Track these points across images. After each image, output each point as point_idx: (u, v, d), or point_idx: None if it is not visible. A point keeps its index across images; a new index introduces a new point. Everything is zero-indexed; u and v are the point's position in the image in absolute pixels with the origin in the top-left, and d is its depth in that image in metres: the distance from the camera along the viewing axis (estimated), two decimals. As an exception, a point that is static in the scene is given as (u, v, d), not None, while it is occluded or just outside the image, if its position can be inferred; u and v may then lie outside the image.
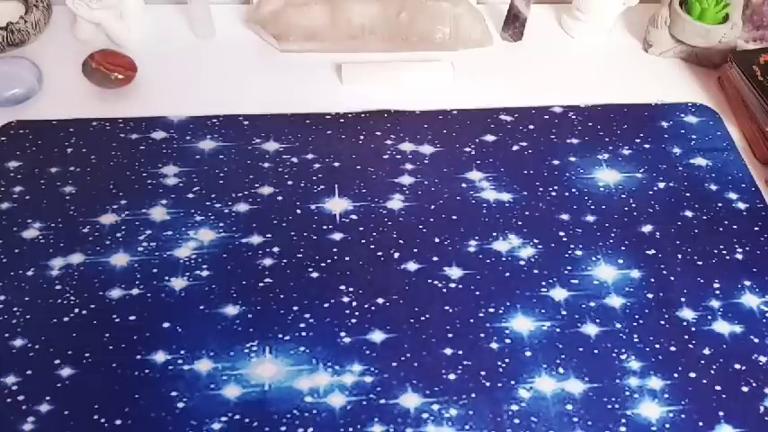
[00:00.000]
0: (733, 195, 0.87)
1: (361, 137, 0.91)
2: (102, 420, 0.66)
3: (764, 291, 0.78)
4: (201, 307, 0.74)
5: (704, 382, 0.71)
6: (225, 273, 0.77)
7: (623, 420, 0.68)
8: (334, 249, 0.79)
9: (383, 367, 0.70)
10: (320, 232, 0.81)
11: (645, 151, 0.91)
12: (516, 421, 0.67)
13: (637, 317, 0.75)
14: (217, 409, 0.67)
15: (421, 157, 0.89)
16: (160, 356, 0.70)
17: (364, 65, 0.98)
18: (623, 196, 0.86)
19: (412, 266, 0.78)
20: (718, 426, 0.68)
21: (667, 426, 0.68)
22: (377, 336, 0.73)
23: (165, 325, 0.72)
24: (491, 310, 0.75)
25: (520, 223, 0.83)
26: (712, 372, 0.71)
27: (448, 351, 0.72)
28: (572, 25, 1.06)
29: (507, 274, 0.78)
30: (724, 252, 0.81)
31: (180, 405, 0.67)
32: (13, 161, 0.86)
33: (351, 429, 0.66)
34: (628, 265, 0.80)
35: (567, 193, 0.86)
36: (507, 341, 0.73)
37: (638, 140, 0.93)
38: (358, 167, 0.87)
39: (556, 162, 0.90)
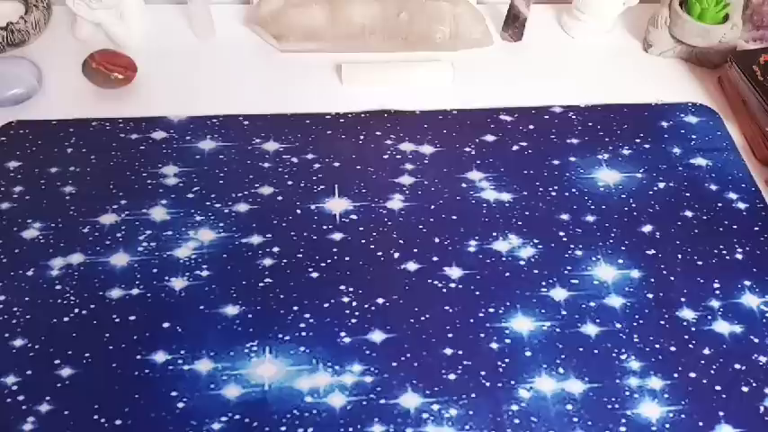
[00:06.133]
0: (733, 195, 0.87)
1: (361, 137, 0.91)
2: (102, 420, 0.66)
3: (764, 291, 0.78)
4: (201, 307, 0.74)
5: (704, 382, 0.71)
6: (225, 273, 0.77)
7: (623, 420, 0.68)
8: (334, 249, 0.79)
9: (383, 367, 0.70)
10: (320, 232, 0.81)
11: (645, 151, 0.91)
12: (516, 421, 0.67)
13: (637, 317, 0.75)
14: (217, 409, 0.67)
15: (421, 157, 0.89)
16: (160, 356, 0.70)
17: (364, 65, 0.98)
18: (623, 196, 0.86)
19: (412, 266, 0.78)
20: (718, 426, 0.68)
21: (667, 426, 0.68)
22: (377, 336, 0.73)
23: (165, 325, 0.72)
24: (491, 310, 0.75)
25: (520, 223, 0.83)
26: (712, 372, 0.71)
27: (448, 351, 0.72)
28: (572, 25, 1.06)
29: (507, 274, 0.78)
30: (724, 252, 0.81)
31: (180, 405, 0.67)
32: (13, 161, 0.86)
33: (351, 429, 0.66)
34: (628, 265, 0.80)
35: (566, 193, 0.86)
36: (507, 341, 0.73)
37: (638, 140, 0.93)
38: (358, 167, 0.87)
39: (556, 162, 0.90)
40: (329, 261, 0.78)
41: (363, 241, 0.80)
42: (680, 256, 0.81)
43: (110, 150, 0.87)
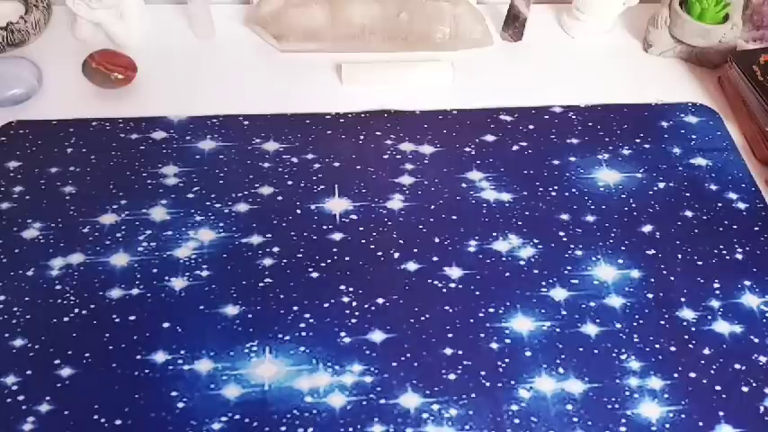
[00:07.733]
0: (733, 195, 0.87)
1: (361, 137, 0.91)
2: (102, 420, 0.66)
3: (764, 291, 0.78)
4: (201, 307, 0.74)
5: (704, 382, 0.71)
6: (225, 273, 0.77)
7: (623, 420, 0.68)
8: (334, 249, 0.79)
9: (383, 367, 0.70)
10: (320, 232, 0.81)
11: (645, 151, 0.91)
12: (516, 421, 0.67)
13: (637, 317, 0.75)
14: (217, 409, 0.67)
15: (421, 157, 0.89)
16: (160, 356, 0.70)
17: (364, 65, 0.98)
18: (623, 196, 0.86)
19: (412, 266, 0.78)
20: (718, 426, 0.68)
21: (667, 426, 0.68)
22: (377, 336, 0.73)
23: (165, 325, 0.72)
24: (491, 310, 0.75)
25: (520, 223, 0.83)
26: (712, 372, 0.71)
27: (448, 351, 0.72)
28: (572, 25, 1.06)
29: (507, 274, 0.78)
30: (724, 252, 0.81)
31: (180, 405, 0.67)
32: (13, 161, 0.86)
33: (351, 429, 0.66)
34: (628, 265, 0.80)
35: (566, 193, 0.86)
36: (507, 341, 0.73)
37: (638, 140, 0.93)
38: (358, 167, 0.87)
39: (556, 162, 0.90)
40: (329, 261, 0.78)
41: (363, 241, 0.80)
42: (680, 256, 0.81)
43: (110, 150, 0.87)
